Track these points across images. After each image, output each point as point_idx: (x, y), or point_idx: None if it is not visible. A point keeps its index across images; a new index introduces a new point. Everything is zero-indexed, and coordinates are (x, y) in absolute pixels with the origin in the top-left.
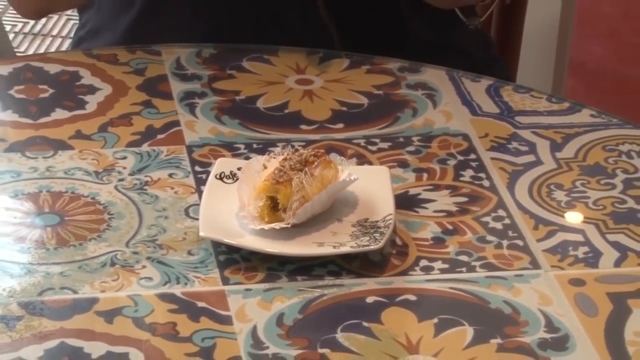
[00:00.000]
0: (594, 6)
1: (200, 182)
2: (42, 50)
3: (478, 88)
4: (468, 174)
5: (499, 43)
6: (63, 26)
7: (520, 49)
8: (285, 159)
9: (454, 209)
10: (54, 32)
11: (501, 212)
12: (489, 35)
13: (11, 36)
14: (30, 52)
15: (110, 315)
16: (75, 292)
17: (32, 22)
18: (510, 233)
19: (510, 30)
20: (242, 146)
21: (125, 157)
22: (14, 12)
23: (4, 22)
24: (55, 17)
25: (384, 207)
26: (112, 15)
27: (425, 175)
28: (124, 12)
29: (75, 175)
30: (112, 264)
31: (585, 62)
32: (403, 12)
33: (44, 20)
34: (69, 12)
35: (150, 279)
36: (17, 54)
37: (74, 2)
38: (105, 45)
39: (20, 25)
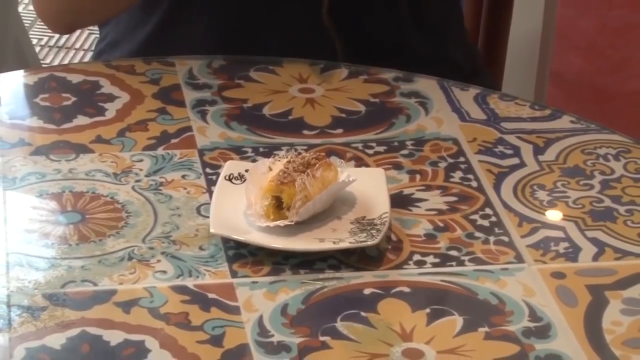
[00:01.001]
0: (572, 21)
1: (211, 183)
2: (65, 62)
3: (466, 96)
4: (457, 175)
5: (485, 55)
6: (85, 40)
7: (505, 61)
8: (289, 162)
9: (444, 207)
10: (77, 45)
11: (488, 211)
12: (476, 48)
13: (37, 49)
14: (55, 63)
15: (127, 305)
16: (95, 284)
17: (56, 35)
18: (496, 230)
19: (496, 43)
20: (250, 150)
21: (141, 160)
22: (40, 26)
23: (30, 35)
24: (78, 31)
25: (380, 205)
26: (130, 29)
27: (418, 177)
28: (141, 26)
29: (95, 176)
30: (130, 259)
31: (564, 73)
32: (403, 29)
33: (67, 35)
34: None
35: (164, 272)
36: (43, 65)
37: (100, 17)
38: (123, 56)
39: (45, 38)
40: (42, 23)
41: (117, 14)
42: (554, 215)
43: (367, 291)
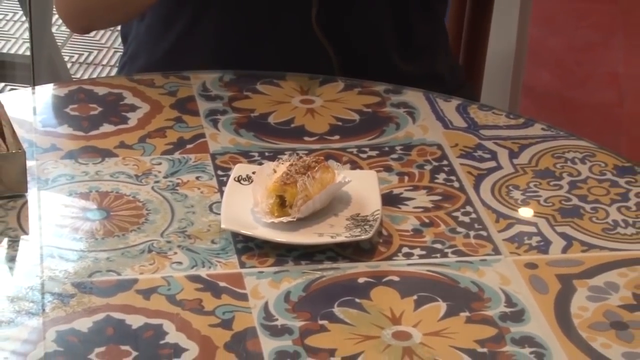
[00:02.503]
0: (542, 41)
1: (222, 184)
2: (93, 76)
3: (449, 107)
4: (441, 177)
5: (466, 70)
6: (111, 57)
7: (483, 76)
8: (291, 165)
9: (430, 205)
10: (104, 62)
11: (468, 208)
12: (458, 65)
13: (69, 65)
14: (85, 77)
15: (147, 293)
16: (118, 274)
17: (86, 53)
18: (476, 225)
19: (475, 60)
20: (256, 154)
21: (160, 163)
22: (72, 45)
23: (63, 53)
24: (104, 49)
25: (373, 204)
26: (149, 44)
27: (406, 178)
28: (159, 41)
29: (119, 178)
30: (149, 251)
31: (535, 86)
32: (393, 53)
33: (95, 52)
34: (115, 45)
35: (180, 263)
36: (73, 79)
37: (113, 21)
38: (143, 67)
39: (76, 56)
40: (73, 42)
41: (128, 19)
42: (527, 212)
43: (361, 280)
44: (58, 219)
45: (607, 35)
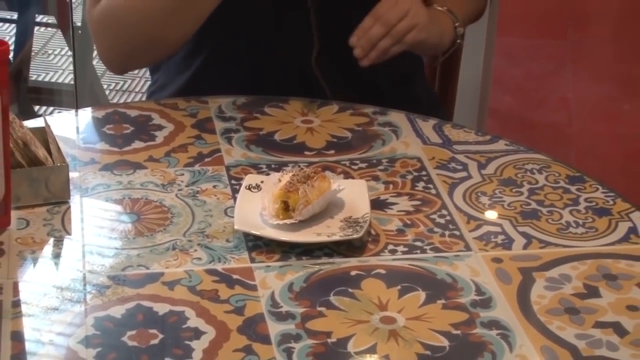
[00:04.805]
0: (505, 69)
1: (235, 191)
2: (127, 101)
3: (427, 125)
4: (421, 185)
5: (440, 95)
6: (142, 85)
7: (455, 99)
8: (294, 175)
9: (411, 209)
10: (136, 89)
11: (444, 212)
12: (434, 90)
13: (107, 92)
14: (121, 101)
15: (172, 284)
16: (147, 268)
17: (121, 82)
18: (450, 226)
19: (448, 86)
20: (264, 166)
21: (182, 174)
22: (109, 75)
23: (102, 82)
24: (137, 79)
25: (363, 208)
26: (174, 75)
27: (391, 186)
28: (182, 72)
29: (148, 186)
30: (173, 249)
31: (499, 108)
32: (378, 82)
33: (129, 81)
34: (146, 75)
35: (200, 259)
36: (110, 103)
37: (144, 64)
38: (169, 96)
39: (113, 84)
40: (110, 73)
41: (158, 60)
42: (493, 215)
43: (353, 273)
44: (96, 221)
45: (558, 66)
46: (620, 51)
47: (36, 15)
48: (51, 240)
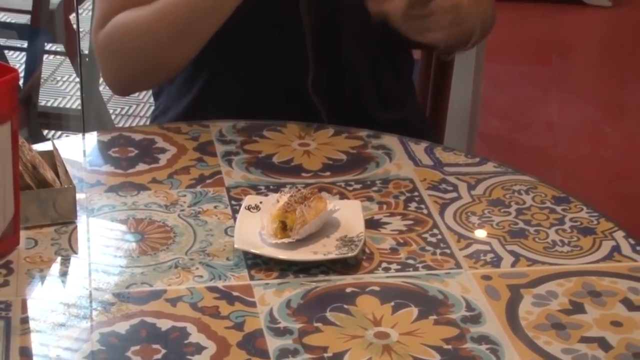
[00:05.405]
0: (492, 96)
1: (235, 212)
2: (133, 125)
3: (419, 148)
4: (413, 205)
5: (431, 119)
6: (147, 110)
7: (445, 123)
8: (291, 196)
9: (404, 228)
10: (141, 114)
11: (435, 231)
12: (425, 114)
13: (113, 116)
14: (126, 125)
15: (174, 301)
16: (151, 285)
17: (126, 107)
18: (441, 245)
19: (439, 111)
20: (263, 187)
21: (185, 195)
22: (115, 99)
23: (108, 107)
24: (141, 104)
25: (357, 227)
26: (176, 99)
27: (384, 206)
28: (183, 97)
29: (151, 207)
30: (176, 267)
31: (488, 132)
32: (372, 106)
33: (133, 106)
34: (150, 100)
35: (201, 276)
36: (115, 127)
37: (147, 87)
38: (171, 119)
39: (119, 109)
40: (116, 98)
41: (161, 83)
42: (482, 234)
43: (348, 290)
44: (102, 240)
45: (544, 92)
46: (602, 77)
47: (45, 44)
48: (58, 259)
